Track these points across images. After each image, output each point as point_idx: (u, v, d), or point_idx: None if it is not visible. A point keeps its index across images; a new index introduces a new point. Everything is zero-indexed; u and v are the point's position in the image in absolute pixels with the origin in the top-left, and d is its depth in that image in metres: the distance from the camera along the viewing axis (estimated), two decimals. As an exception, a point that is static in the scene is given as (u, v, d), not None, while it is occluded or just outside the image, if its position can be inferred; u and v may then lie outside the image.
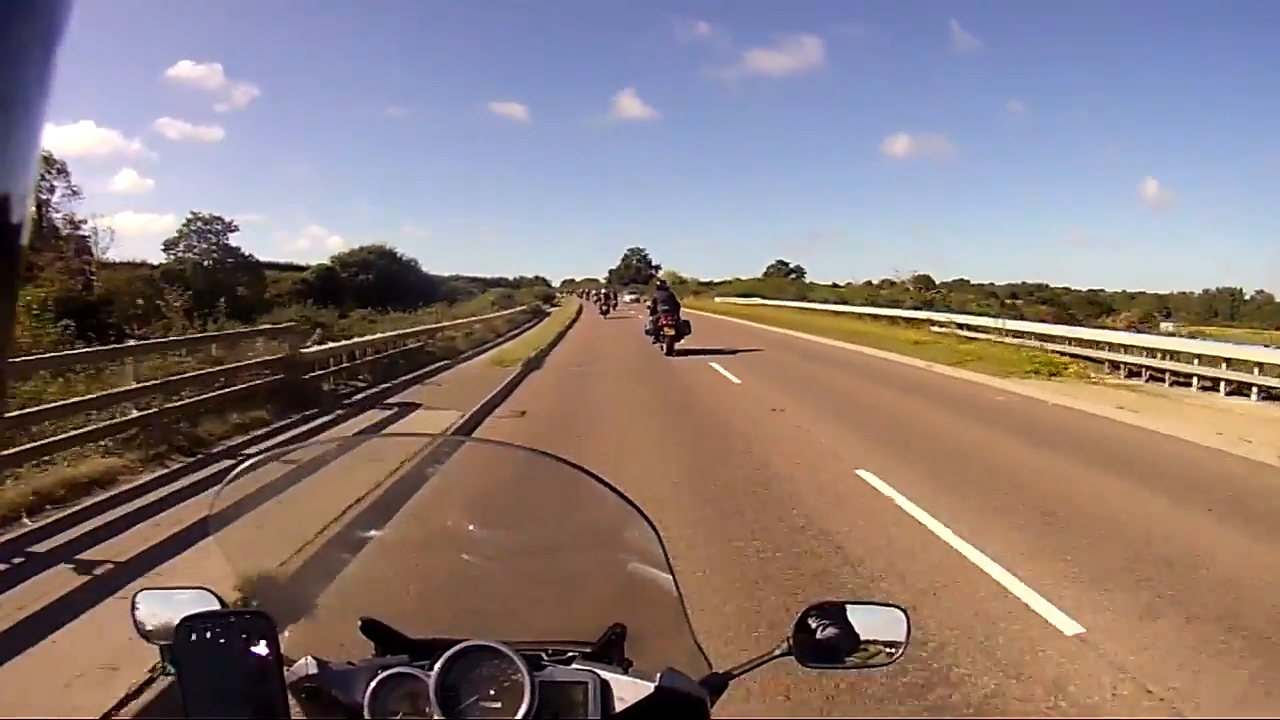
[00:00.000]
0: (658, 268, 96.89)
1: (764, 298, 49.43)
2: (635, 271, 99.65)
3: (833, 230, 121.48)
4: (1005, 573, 4.26)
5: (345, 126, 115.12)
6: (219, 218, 42.19)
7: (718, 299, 55.80)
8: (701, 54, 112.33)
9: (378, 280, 41.40)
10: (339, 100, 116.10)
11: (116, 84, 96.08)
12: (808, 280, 70.27)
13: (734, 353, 17.42)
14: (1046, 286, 57.07)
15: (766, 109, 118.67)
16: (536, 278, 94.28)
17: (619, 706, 0.99)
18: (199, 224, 41.85)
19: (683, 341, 17.64)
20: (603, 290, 46.17)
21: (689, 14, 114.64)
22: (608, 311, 38.81)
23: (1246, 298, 63.83)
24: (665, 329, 17.36)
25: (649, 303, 20.92)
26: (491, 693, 0.96)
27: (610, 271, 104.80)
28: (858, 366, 15.63)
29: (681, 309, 18.35)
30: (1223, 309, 62.45)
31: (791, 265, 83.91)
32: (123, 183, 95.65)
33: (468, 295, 44.84)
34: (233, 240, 42.58)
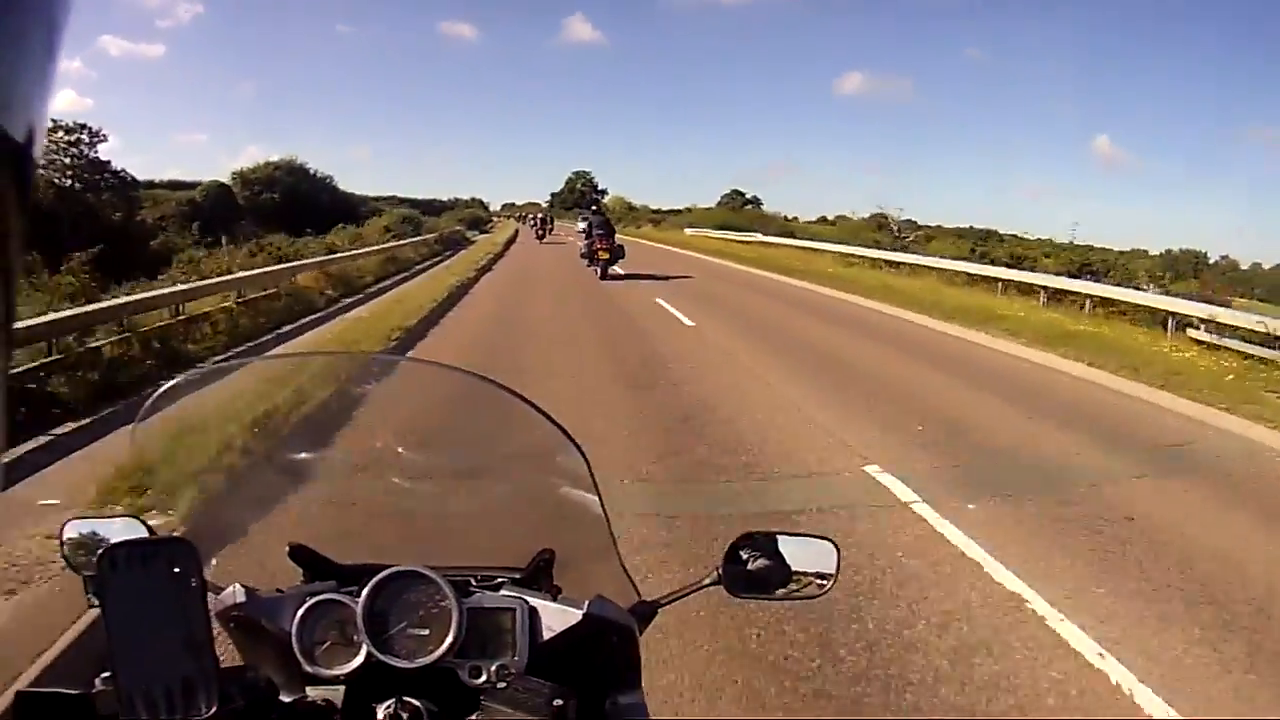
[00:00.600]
0: (604, 192, 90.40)
1: (764, 234, 34.60)
2: (580, 196, 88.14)
3: (784, 164, 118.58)
4: None
5: (292, 44, 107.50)
6: (85, 125, 34.06)
7: (689, 230, 42.44)
8: None
9: (284, 200, 35.12)
10: (286, 17, 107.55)
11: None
12: (764, 210, 60.39)
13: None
14: (996, 234, 55.56)
15: (719, 39, 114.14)
16: (472, 199, 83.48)
17: (547, 634, 1.01)
18: (60, 134, 32.93)
19: (615, 266, 17.99)
20: (539, 215, 42.71)
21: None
22: (543, 236, 36.65)
23: (1211, 261, 65.16)
24: (600, 253, 17.81)
25: (583, 228, 20.36)
26: (419, 618, 0.98)
27: (553, 195, 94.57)
28: None
29: (617, 236, 18.79)
30: (1185, 270, 63.75)
31: (748, 195, 70.86)
32: (61, 103, 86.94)
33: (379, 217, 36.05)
34: (105, 153, 33.93)
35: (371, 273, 17.10)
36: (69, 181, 32.57)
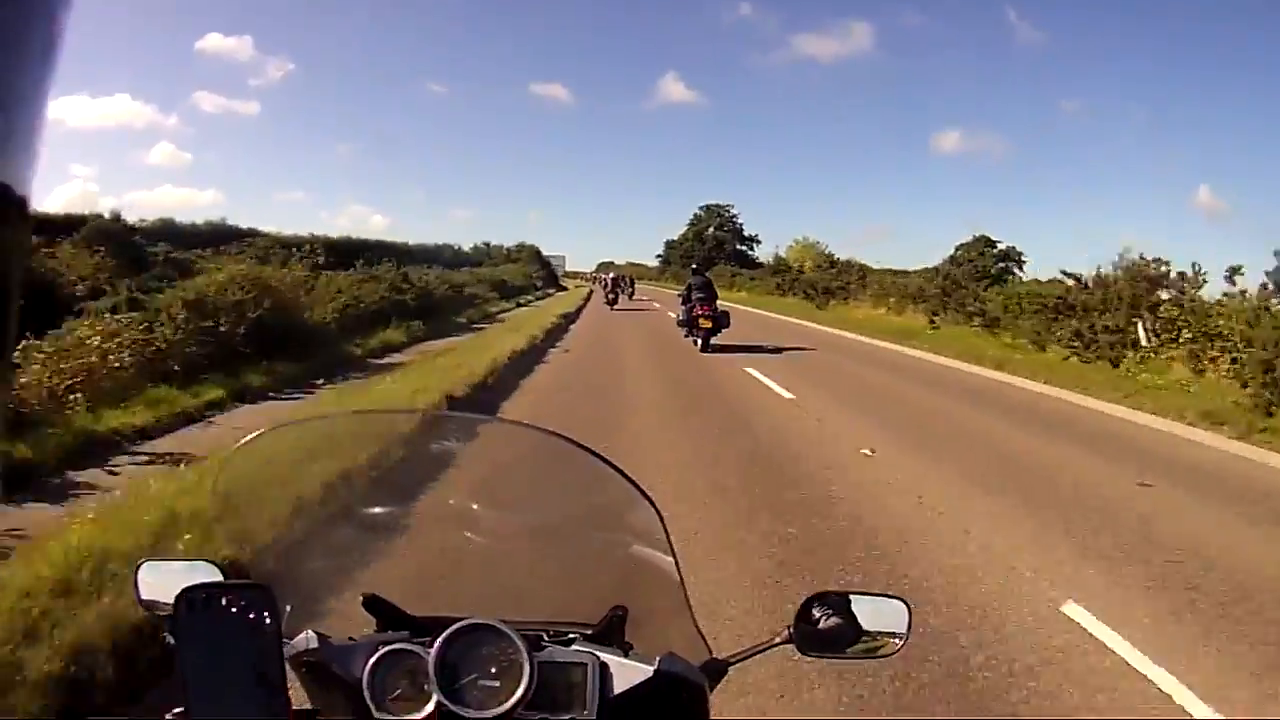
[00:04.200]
0: (752, 239, 62.97)
1: None
2: (714, 245, 61.32)
3: (885, 225, 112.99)
4: None
5: (385, 103, 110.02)
6: None
7: None
8: (747, 38, 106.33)
9: None
10: (376, 75, 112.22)
11: (148, 56, 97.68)
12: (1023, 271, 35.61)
13: None
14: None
15: (816, 95, 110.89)
16: (519, 247, 56.80)
17: (618, 689, 1.00)
18: None
19: (720, 336, 15.10)
20: (609, 275, 35.28)
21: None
22: (615, 300, 29.25)
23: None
24: (700, 320, 14.99)
25: (681, 293, 16.59)
26: (491, 671, 0.97)
27: (669, 246, 68.13)
28: None
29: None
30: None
31: (1001, 245, 39.25)
32: (159, 156, 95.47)
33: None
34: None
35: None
36: None
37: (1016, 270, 38.10)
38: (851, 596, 1.15)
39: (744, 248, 63.98)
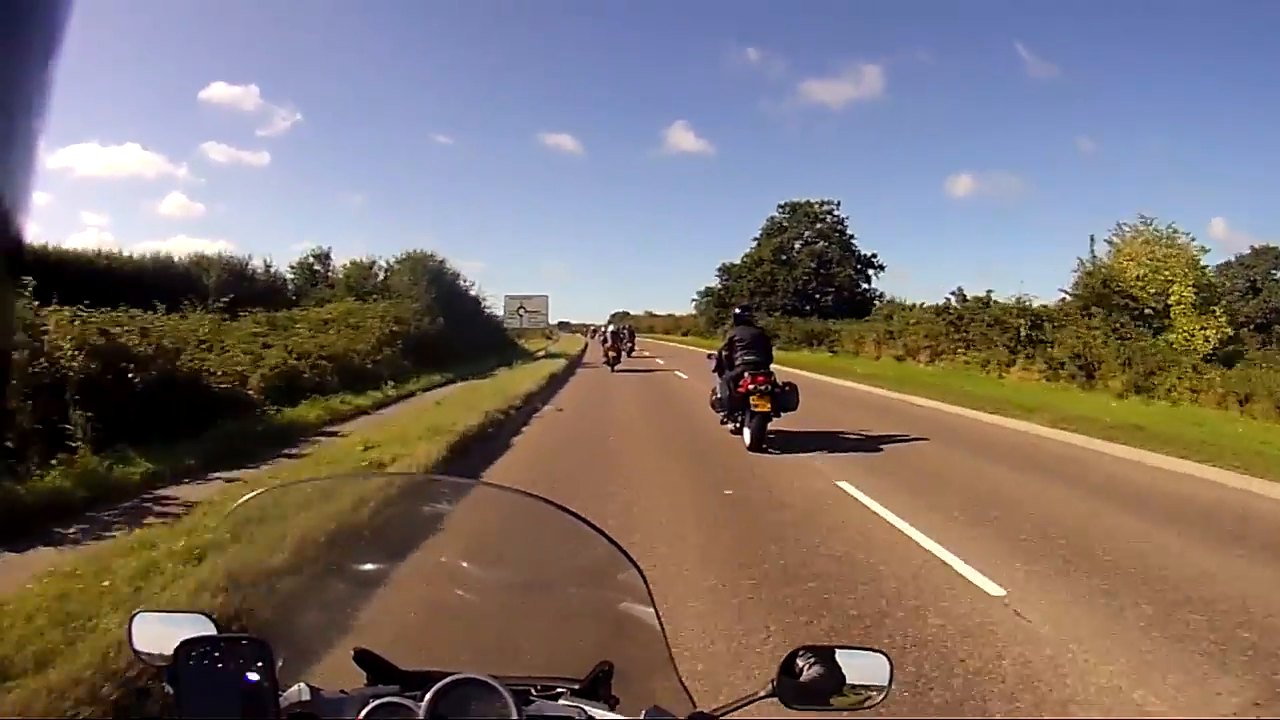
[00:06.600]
0: (872, 261, 39.28)
1: None
2: (813, 271, 37.45)
3: (901, 270, 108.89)
4: None
5: (393, 153, 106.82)
6: None
7: None
8: (756, 85, 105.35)
9: None
10: (385, 126, 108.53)
11: (155, 105, 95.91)
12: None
13: None
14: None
15: (825, 142, 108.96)
16: (404, 258, 26.17)
17: None
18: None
19: (779, 420, 8.85)
20: (608, 328, 28.83)
21: (744, 42, 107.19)
22: (617, 359, 23.45)
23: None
24: (754, 398, 8.50)
25: (715, 353, 9.79)
26: None
27: (723, 277, 45.59)
28: None
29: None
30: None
31: None
32: (171, 206, 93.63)
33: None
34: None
35: None
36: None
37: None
38: (835, 650, 1.16)
39: (854, 274, 38.79)
